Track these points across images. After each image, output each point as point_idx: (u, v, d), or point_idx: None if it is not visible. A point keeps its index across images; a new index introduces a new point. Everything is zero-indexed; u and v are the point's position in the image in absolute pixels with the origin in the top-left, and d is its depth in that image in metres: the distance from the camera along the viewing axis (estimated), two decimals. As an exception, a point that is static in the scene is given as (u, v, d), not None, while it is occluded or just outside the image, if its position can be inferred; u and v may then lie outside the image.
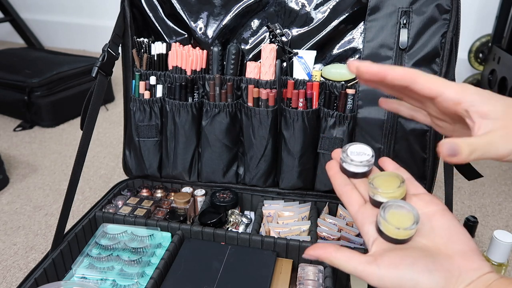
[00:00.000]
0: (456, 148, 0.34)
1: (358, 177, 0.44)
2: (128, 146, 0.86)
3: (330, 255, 0.39)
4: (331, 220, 0.75)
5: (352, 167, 0.44)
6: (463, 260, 0.35)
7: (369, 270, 0.36)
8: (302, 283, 0.62)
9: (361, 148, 0.44)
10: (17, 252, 0.85)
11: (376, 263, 0.36)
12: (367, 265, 0.36)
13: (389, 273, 0.35)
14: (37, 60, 1.54)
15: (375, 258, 0.37)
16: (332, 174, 0.46)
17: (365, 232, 0.40)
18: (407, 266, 0.35)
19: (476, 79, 1.59)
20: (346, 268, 0.38)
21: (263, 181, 0.83)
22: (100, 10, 2.26)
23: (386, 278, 0.35)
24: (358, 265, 0.37)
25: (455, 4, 0.69)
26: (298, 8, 0.76)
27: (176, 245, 0.69)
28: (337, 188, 0.45)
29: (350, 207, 0.43)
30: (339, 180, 0.45)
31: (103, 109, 1.56)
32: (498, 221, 0.95)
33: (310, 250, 0.40)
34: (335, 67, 0.75)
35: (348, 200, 0.43)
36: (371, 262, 0.37)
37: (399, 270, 0.35)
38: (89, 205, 0.99)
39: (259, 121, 0.77)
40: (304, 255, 0.41)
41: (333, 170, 0.47)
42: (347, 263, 0.38)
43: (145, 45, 0.80)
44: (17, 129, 1.40)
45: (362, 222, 0.41)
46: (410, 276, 0.35)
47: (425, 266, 0.35)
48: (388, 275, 0.35)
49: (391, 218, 0.37)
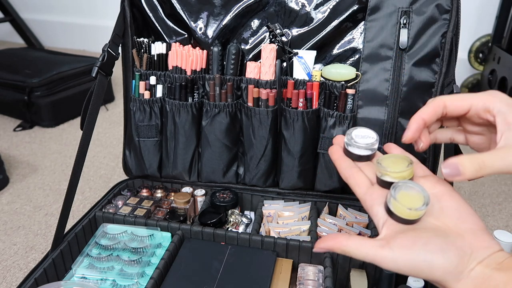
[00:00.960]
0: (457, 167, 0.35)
1: (363, 160, 0.45)
2: (128, 146, 0.86)
3: (341, 244, 0.38)
4: (331, 220, 0.75)
5: (357, 149, 0.44)
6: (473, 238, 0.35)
7: (382, 254, 0.36)
8: (302, 283, 0.62)
9: (366, 132, 0.45)
10: (17, 252, 0.85)
11: (389, 246, 0.36)
12: (380, 249, 0.36)
13: (402, 255, 0.35)
14: (37, 60, 1.54)
15: (387, 242, 0.37)
16: (336, 158, 0.46)
17: (375, 214, 0.40)
18: (420, 247, 0.35)
19: (476, 79, 1.59)
20: (358, 255, 0.38)
21: (263, 181, 0.83)
22: (100, 10, 2.26)
23: (400, 260, 0.35)
24: (370, 250, 0.37)
25: (455, 4, 0.69)
26: (298, 8, 0.76)
27: (176, 245, 0.69)
28: (343, 171, 0.45)
29: (358, 188, 0.42)
30: (344, 163, 0.45)
31: (103, 109, 1.56)
32: (498, 221, 0.95)
33: (320, 243, 0.40)
34: (335, 67, 0.75)
35: (355, 182, 0.43)
36: (383, 245, 0.36)
37: (412, 251, 0.35)
38: (89, 205, 0.99)
39: (259, 121, 0.77)
40: (314, 250, 0.41)
41: (337, 154, 0.46)
42: (359, 250, 0.37)
43: (145, 45, 0.80)
44: (17, 129, 1.40)
45: (371, 203, 0.41)
46: (424, 257, 0.35)
47: (439, 245, 0.35)
48: (401, 257, 0.35)
49: (402, 198, 0.37)
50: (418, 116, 0.41)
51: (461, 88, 1.60)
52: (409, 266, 0.35)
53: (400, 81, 0.73)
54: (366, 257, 0.37)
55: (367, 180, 0.43)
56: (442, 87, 0.72)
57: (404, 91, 0.73)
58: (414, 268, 0.35)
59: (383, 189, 0.41)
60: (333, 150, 0.47)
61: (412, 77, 0.72)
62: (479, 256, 0.34)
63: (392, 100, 0.73)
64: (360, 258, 0.38)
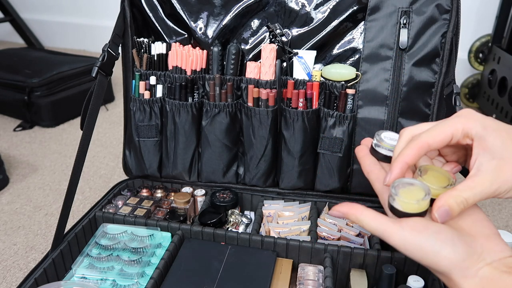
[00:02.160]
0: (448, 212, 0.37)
1: (388, 161, 0.47)
2: (128, 146, 0.86)
3: (357, 212, 0.40)
4: (331, 220, 0.75)
5: (384, 150, 0.46)
6: (486, 241, 0.36)
7: (392, 229, 0.37)
8: (302, 283, 0.62)
9: (394, 135, 0.47)
10: (17, 252, 0.85)
11: (400, 224, 0.37)
12: (391, 224, 0.37)
13: (412, 236, 0.36)
14: (37, 60, 1.54)
15: (400, 221, 0.38)
16: (361, 156, 0.48)
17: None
18: (431, 233, 0.36)
19: (476, 79, 1.59)
20: (370, 225, 0.39)
21: (263, 181, 0.83)
22: (100, 10, 2.26)
23: (408, 241, 0.36)
24: (382, 224, 0.38)
25: (455, 4, 0.69)
26: (298, 8, 0.76)
27: (176, 245, 0.69)
28: (366, 167, 0.47)
29: (377, 183, 0.44)
30: (369, 160, 0.47)
31: (103, 109, 1.56)
32: (498, 221, 0.95)
33: (337, 207, 0.41)
34: (335, 67, 0.75)
35: (375, 177, 0.45)
36: (395, 222, 0.38)
37: (422, 235, 0.36)
38: (89, 205, 0.99)
39: (259, 121, 0.77)
40: (330, 212, 0.42)
41: (363, 152, 0.49)
42: (372, 221, 0.39)
43: (145, 45, 0.80)
44: (17, 129, 1.40)
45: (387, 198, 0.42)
46: (433, 244, 0.35)
47: (450, 237, 0.35)
48: (410, 238, 0.36)
49: (404, 195, 0.39)
50: (402, 160, 0.40)
51: (461, 88, 1.60)
52: (416, 249, 0.36)
53: (400, 81, 0.73)
54: (376, 230, 0.38)
55: None
56: (442, 87, 0.72)
57: (404, 91, 0.73)
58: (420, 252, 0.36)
59: None
60: (360, 148, 0.49)
61: (412, 77, 0.72)
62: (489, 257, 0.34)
63: (392, 100, 0.73)
64: (371, 230, 0.39)
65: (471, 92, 1.61)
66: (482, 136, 0.38)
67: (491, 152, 0.37)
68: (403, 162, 0.40)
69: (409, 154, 0.40)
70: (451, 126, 0.39)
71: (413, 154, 0.40)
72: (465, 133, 0.38)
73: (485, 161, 0.37)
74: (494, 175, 0.37)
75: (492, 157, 0.37)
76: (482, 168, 0.37)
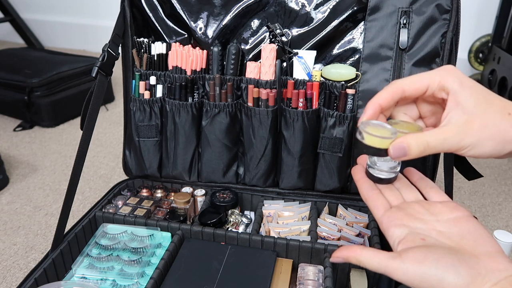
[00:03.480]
0: (403, 148, 0.38)
1: (384, 183, 0.46)
2: (128, 146, 0.86)
3: (356, 253, 0.40)
4: (331, 220, 0.75)
5: (378, 172, 0.45)
6: (489, 260, 0.35)
7: (394, 265, 0.37)
8: (302, 283, 0.62)
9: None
10: (17, 252, 0.85)
11: (401, 259, 0.37)
12: (392, 260, 0.37)
13: (413, 268, 0.36)
14: (37, 60, 1.54)
15: (399, 254, 0.37)
16: (358, 179, 0.48)
17: (391, 235, 0.41)
18: (432, 262, 0.35)
19: (476, 79, 1.59)
20: (371, 264, 0.39)
21: (263, 181, 0.83)
22: (100, 10, 2.26)
23: (411, 273, 0.36)
24: (382, 261, 0.38)
25: (455, 4, 0.69)
26: (298, 8, 0.76)
27: (176, 245, 0.69)
28: (364, 192, 0.46)
29: (376, 211, 0.44)
30: (366, 184, 0.47)
31: (103, 109, 1.56)
32: (498, 221, 0.96)
33: (336, 252, 0.41)
34: (335, 67, 0.75)
35: (374, 204, 0.44)
36: (395, 257, 0.37)
37: (423, 265, 0.35)
38: (89, 205, 0.99)
39: (259, 121, 0.77)
40: (331, 260, 0.42)
41: (359, 174, 0.48)
42: (372, 260, 0.38)
43: (145, 45, 0.80)
44: (17, 129, 1.40)
45: (387, 225, 0.42)
46: (435, 272, 0.35)
47: (451, 262, 0.35)
48: (412, 270, 0.36)
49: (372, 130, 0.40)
50: (375, 101, 0.42)
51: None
52: (420, 280, 0.36)
53: (400, 81, 0.73)
54: (378, 268, 0.38)
55: (385, 203, 0.44)
56: (442, 87, 0.71)
57: (404, 91, 0.73)
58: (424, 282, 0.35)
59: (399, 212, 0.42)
60: (356, 170, 0.49)
61: (412, 77, 0.72)
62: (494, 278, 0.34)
63: (392, 100, 0.73)
64: (372, 269, 0.39)
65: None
66: (457, 91, 0.39)
67: (463, 108, 0.39)
68: (376, 103, 0.42)
69: (383, 97, 0.41)
70: (429, 77, 0.40)
71: (386, 96, 0.41)
72: (441, 85, 0.40)
73: (455, 115, 0.39)
74: (461, 128, 0.38)
75: (463, 112, 0.38)
76: (452, 121, 0.39)
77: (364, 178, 0.47)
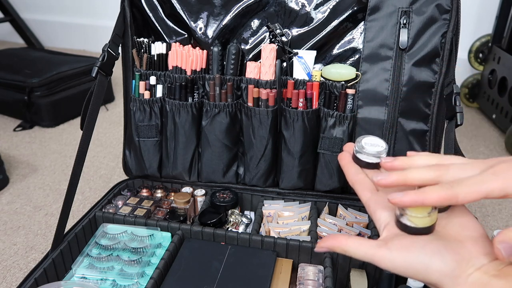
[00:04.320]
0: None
1: (371, 167, 0.46)
2: (128, 146, 0.86)
3: (341, 243, 0.39)
4: (331, 220, 0.75)
5: (366, 157, 0.45)
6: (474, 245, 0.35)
7: (380, 254, 0.37)
8: (302, 283, 0.62)
9: (375, 140, 0.46)
10: (17, 252, 0.85)
11: (387, 246, 0.37)
12: (378, 249, 0.37)
13: (400, 256, 0.36)
14: (37, 60, 1.54)
15: (385, 242, 0.37)
16: (344, 164, 0.47)
17: (377, 218, 0.41)
18: (418, 249, 0.35)
19: (476, 79, 1.59)
20: (357, 253, 0.38)
21: (263, 181, 0.83)
22: (100, 10, 2.26)
23: (397, 261, 0.36)
24: (369, 250, 0.37)
25: (455, 4, 0.69)
26: (298, 8, 0.76)
27: (176, 245, 0.69)
28: (350, 177, 0.46)
29: (363, 194, 0.43)
30: (353, 169, 0.46)
31: (103, 109, 1.56)
32: (498, 221, 0.95)
33: (321, 242, 0.41)
34: (335, 67, 0.75)
35: (361, 187, 0.44)
36: (381, 245, 0.37)
37: (409, 252, 0.36)
38: (89, 205, 0.99)
39: (259, 121, 0.77)
40: (316, 249, 0.41)
41: (346, 160, 0.47)
42: (358, 249, 0.38)
43: (145, 45, 0.80)
44: (17, 129, 1.40)
45: (374, 208, 0.41)
46: (421, 259, 0.35)
47: (436, 248, 0.35)
48: (399, 258, 0.36)
49: (412, 210, 0.37)
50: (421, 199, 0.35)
51: (461, 88, 1.60)
52: (406, 267, 0.36)
53: (400, 81, 0.73)
54: (364, 257, 0.38)
55: (372, 186, 0.44)
56: (442, 87, 0.72)
57: (404, 91, 0.73)
58: (411, 269, 0.36)
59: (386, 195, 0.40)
60: (342, 156, 0.48)
61: (412, 77, 0.72)
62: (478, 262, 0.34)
63: (392, 100, 0.73)
64: (359, 258, 0.38)
65: (471, 92, 1.61)
66: None
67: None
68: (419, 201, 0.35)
69: (431, 198, 0.35)
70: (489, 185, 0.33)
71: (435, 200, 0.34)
72: (505, 193, 0.33)
73: None
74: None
75: None
76: None
77: (351, 163, 0.46)
